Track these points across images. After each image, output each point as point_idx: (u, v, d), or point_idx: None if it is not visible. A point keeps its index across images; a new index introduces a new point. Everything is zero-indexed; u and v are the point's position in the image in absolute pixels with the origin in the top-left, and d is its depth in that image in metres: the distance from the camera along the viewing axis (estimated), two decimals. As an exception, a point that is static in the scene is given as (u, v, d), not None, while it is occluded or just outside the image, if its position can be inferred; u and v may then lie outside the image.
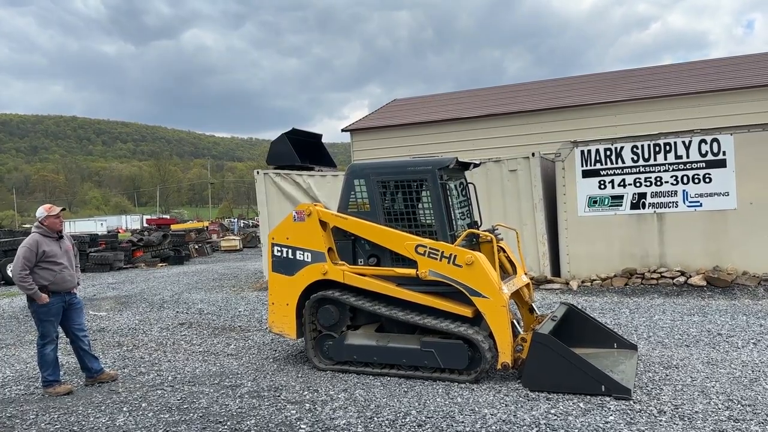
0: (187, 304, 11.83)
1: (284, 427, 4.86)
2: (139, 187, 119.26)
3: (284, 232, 6.70)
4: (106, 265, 20.06)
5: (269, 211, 13.26)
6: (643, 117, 16.46)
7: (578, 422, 4.67)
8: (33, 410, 5.59)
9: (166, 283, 15.57)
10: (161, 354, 7.74)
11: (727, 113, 15.29)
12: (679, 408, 4.89)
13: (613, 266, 11.25)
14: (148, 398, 5.79)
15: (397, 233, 6.20)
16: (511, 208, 11.79)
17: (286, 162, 13.33)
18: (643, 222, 10.99)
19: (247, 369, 6.73)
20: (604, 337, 6.44)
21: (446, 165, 6.30)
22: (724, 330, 7.54)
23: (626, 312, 8.97)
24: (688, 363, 6.16)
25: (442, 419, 4.87)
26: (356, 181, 6.55)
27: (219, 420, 5.09)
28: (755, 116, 14.32)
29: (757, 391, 5.23)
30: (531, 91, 20.88)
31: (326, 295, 6.43)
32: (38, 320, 6.14)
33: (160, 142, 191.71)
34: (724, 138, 10.41)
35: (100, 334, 9.18)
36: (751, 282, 10.13)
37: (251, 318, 9.97)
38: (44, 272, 6.05)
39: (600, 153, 11.18)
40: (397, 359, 6.11)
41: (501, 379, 5.88)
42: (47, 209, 6.26)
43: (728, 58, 20.18)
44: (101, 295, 13.84)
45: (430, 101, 22.88)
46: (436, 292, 6.07)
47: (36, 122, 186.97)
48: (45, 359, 6.13)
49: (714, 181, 10.46)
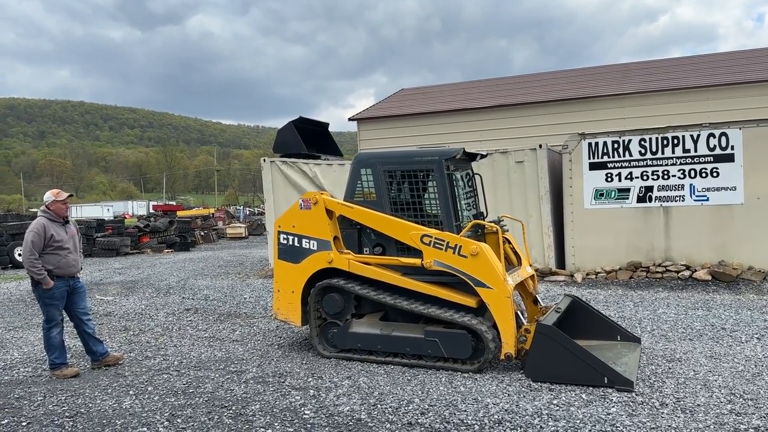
0: (193, 290, 11.91)
1: (288, 413, 4.91)
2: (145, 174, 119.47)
3: (290, 220, 6.72)
4: (113, 251, 20.17)
5: (275, 199, 13.30)
6: (652, 110, 16.36)
7: (580, 413, 4.70)
8: (41, 392, 5.66)
9: (172, 269, 15.66)
10: (167, 339, 7.80)
11: (736, 107, 15.20)
12: (681, 401, 4.91)
13: (619, 259, 11.24)
14: (154, 382, 5.85)
15: (403, 223, 6.22)
16: (517, 199, 11.78)
17: (293, 150, 13.33)
18: (649, 215, 10.97)
19: (252, 355, 6.79)
20: (608, 330, 6.46)
21: (453, 155, 6.31)
22: (728, 324, 7.55)
23: (630, 305, 8.98)
24: (691, 357, 6.17)
25: (445, 408, 4.91)
26: (363, 170, 6.57)
27: (224, 404, 5.14)
28: (764, 111, 14.23)
29: (759, 385, 5.25)
30: (539, 83, 20.77)
31: (331, 284, 6.46)
32: (43, 304, 6.19)
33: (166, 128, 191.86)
34: (733, 132, 10.36)
35: (107, 319, 9.26)
36: (756, 277, 10.11)
37: (256, 305, 10.03)
38: (50, 257, 6.10)
39: (607, 145, 11.15)
40: (400, 348, 6.15)
41: (504, 370, 5.91)
42: (55, 194, 6.30)
43: (737, 52, 20.02)
44: (108, 280, 13.93)
45: (437, 91, 22.79)
46: (440, 282, 6.10)
47: (43, 107, 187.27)
48: (51, 342, 6.19)
49: (721, 175, 10.42)
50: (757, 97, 15.50)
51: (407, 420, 4.68)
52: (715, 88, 16.17)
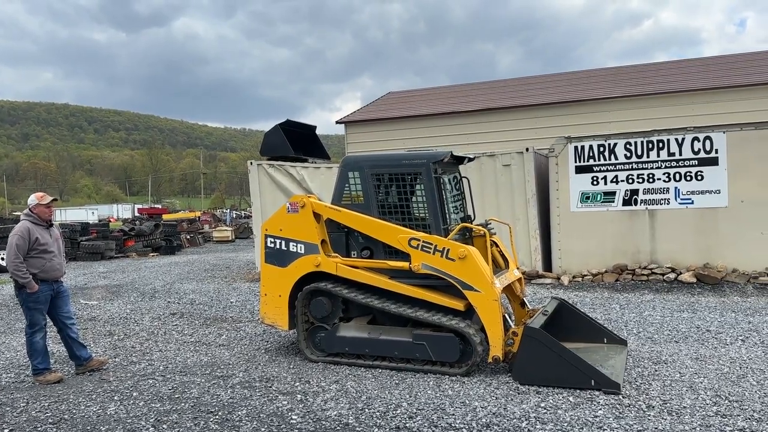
0: (179, 294, 11.81)
1: (275, 418, 4.87)
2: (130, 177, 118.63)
3: (277, 224, 6.69)
4: (97, 254, 19.98)
5: (262, 202, 13.25)
6: (637, 114, 16.53)
7: (568, 416, 4.71)
8: (23, 398, 5.58)
9: (158, 273, 15.53)
10: (152, 344, 7.72)
11: (720, 111, 15.37)
12: (668, 403, 4.93)
13: (605, 262, 11.30)
14: (139, 387, 5.79)
15: (391, 226, 6.21)
16: (504, 202, 11.82)
17: (280, 153, 13.30)
18: (634, 218, 11.04)
19: (238, 360, 6.74)
20: (595, 332, 6.49)
21: (440, 159, 6.31)
22: (713, 327, 7.61)
23: (616, 307, 9.03)
24: (677, 359, 6.21)
25: (433, 411, 4.90)
26: (350, 173, 6.55)
27: (210, 410, 5.10)
28: (748, 115, 14.41)
29: (744, 387, 5.29)
30: (526, 86, 20.89)
31: (319, 287, 6.43)
32: (26, 309, 6.11)
33: (152, 131, 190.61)
34: (717, 136, 10.46)
35: (91, 323, 9.15)
36: (740, 279, 10.21)
37: (243, 309, 9.97)
38: (35, 260, 6.03)
39: (593, 149, 11.22)
40: (388, 351, 6.14)
41: (492, 373, 5.91)
42: (39, 197, 6.24)
43: (722, 57, 20.26)
44: (92, 284, 13.78)
45: (424, 94, 22.85)
46: (428, 286, 6.09)
47: (27, 109, 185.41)
48: (34, 348, 6.11)
49: (706, 178, 10.52)
50: (740, 101, 15.71)
51: (395, 424, 4.66)
52: (700, 92, 16.37)
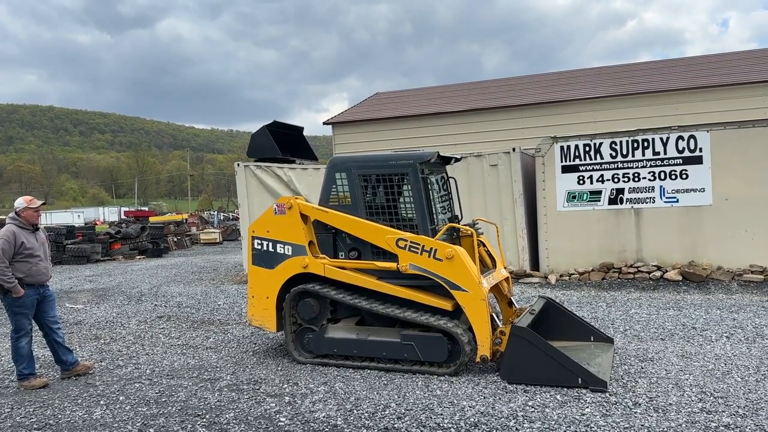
0: (166, 297, 11.74)
1: (263, 420, 4.86)
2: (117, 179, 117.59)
3: (265, 225, 6.67)
4: (83, 258, 19.80)
5: (250, 204, 13.19)
6: (622, 113, 16.66)
7: (555, 414, 4.73)
8: (8, 404, 5.52)
9: (144, 275, 15.42)
10: (139, 347, 7.67)
11: (704, 110, 15.53)
12: (654, 400, 4.97)
13: (591, 261, 11.38)
14: (126, 391, 5.75)
15: (378, 227, 6.21)
16: (491, 202, 11.86)
17: (267, 154, 13.24)
18: (620, 217, 11.12)
19: (226, 362, 6.71)
20: (582, 331, 6.53)
21: (427, 159, 6.32)
22: (698, 324, 7.68)
23: (603, 306, 9.09)
24: (663, 356, 6.27)
25: (422, 411, 4.91)
26: (337, 174, 6.55)
27: (198, 413, 5.07)
28: (731, 114, 14.58)
29: (729, 383, 5.34)
30: (512, 87, 20.98)
31: (306, 289, 6.42)
32: (12, 313, 6.05)
33: (138, 133, 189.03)
34: (701, 135, 10.57)
35: (77, 327, 9.07)
36: (725, 277, 10.32)
37: (231, 311, 9.92)
38: (21, 264, 5.97)
39: (579, 148, 11.29)
40: (377, 352, 6.14)
41: (480, 372, 5.93)
42: (28, 201, 6.17)
43: (705, 56, 20.47)
44: (78, 287, 13.66)
45: (412, 95, 22.88)
46: (416, 286, 6.10)
47: (11, 111, 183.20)
48: (20, 352, 6.05)
49: (690, 177, 10.62)
50: (724, 100, 15.88)
51: (384, 425, 4.66)
52: (684, 91, 16.52)
